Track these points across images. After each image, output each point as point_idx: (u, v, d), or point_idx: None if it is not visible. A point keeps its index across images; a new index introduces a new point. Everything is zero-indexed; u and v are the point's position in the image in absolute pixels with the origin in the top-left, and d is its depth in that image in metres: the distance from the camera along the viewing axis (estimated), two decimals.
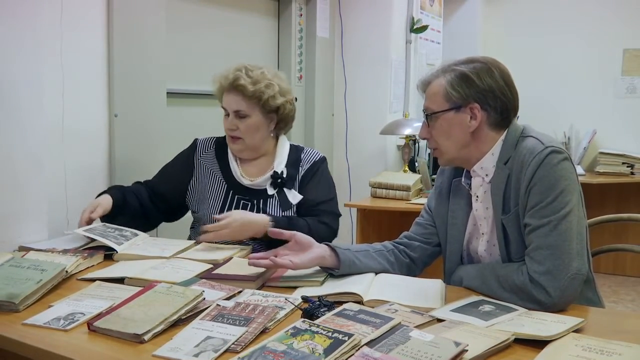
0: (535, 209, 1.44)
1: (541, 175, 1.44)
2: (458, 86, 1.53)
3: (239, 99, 2.03)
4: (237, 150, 2.10)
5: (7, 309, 1.35)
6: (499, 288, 1.45)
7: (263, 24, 3.53)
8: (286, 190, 2.08)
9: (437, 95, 1.57)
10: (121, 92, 2.36)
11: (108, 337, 1.20)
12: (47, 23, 2.05)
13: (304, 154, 2.15)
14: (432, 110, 1.58)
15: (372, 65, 3.88)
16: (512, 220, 1.51)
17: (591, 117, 4.82)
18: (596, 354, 1.10)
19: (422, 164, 3.55)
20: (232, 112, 2.05)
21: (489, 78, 1.53)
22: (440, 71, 1.58)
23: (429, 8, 4.34)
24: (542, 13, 5.06)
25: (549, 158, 1.44)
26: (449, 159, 1.61)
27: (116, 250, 1.80)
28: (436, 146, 1.61)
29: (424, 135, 1.63)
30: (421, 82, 1.64)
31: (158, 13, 2.52)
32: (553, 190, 1.43)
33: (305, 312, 1.29)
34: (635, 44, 4.78)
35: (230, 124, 2.05)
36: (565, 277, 1.37)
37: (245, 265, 1.64)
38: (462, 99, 1.53)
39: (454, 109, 1.54)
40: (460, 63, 1.56)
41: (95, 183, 2.30)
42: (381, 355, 1.06)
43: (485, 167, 1.57)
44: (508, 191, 1.52)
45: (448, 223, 1.69)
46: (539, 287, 1.37)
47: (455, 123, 1.55)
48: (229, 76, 2.04)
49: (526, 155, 1.48)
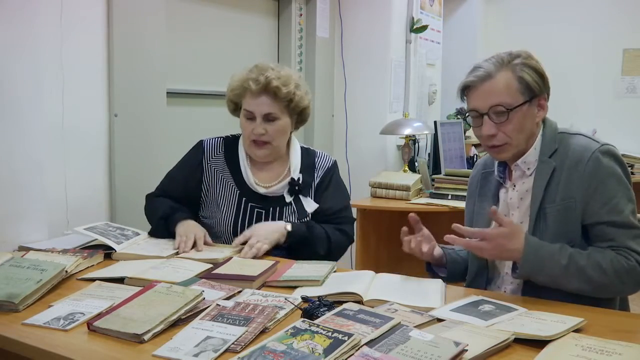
0: (611, 205, 1.50)
1: (606, 172, 1.51)
2: (534, 76, 1.56)
3: (270, 102, 1.93)
4: (263, 155, 1.99)
5: (7, 309, 1.34)
6: (601, 274, 1.46)
7: (263, 24, 3.53)
8: (302, 198, 2.02)
9: (509, 89, 1.55)
10: (121, 92, 2.36)
11: (108, 337, 1.20)
12: (47, 23, 2.05)
13: (318, 159, 2.10)
14: (509, 105, 1.55)
15: (372, 65, 3.87)
16: (560, 212, 1.54)
17: (591, 117, 4.82)
18: (596, 354, 1.10)
19: (422, 164, 3.55)
20: (260, 116, 1.93)
21: (542, 69, 1.60)
22: (500, 65, 1.56)
23: (429, 8, 4.34)
24: (542, 13, 5.06)
25: (609, 154, 1.53)
26: (516, 152, 1.61)
27: (115, 249, 1.80)
28: (507, 141, 1.58)
29: (491, 132, 1.57)
30: (478, 77, 1.56)
31: (158, 13, 2.52)
32: (620, 184, 1.51)
33: (305, 312, 1.29)
34: (635, 44, 4.79)
35: (260, 128, 1.93)
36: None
37: (246, 265, 1.65)
38: (538, 90, 1.57)
39: (528, 101, 1.56)
40: (512, 57, 1.58)
41: (95, 183, 2.30)
42: (381, 355, 1.06)
43: (528, 161, 1.61)
44: (554, 183, 1.56)
45: (474, 214, 1.74)
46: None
47: (529, 115, 1.58)
48: (259, 78, 1.91)
49: (584, 152, 1.53)
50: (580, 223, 1.53)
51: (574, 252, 1.49)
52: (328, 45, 3.82)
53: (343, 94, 3.91)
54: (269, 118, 1.94)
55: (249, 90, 1.94)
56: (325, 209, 2.04)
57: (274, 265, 1.66)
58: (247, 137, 1.98)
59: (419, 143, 4.01)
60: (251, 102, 1.94)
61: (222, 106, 2.13)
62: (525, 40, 4.94)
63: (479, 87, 1.56)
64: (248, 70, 1.98)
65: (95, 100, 2.29)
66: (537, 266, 1.48)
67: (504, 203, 1.67)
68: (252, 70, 1.97)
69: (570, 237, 1.53)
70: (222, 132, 2.15)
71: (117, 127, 2.35)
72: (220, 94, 3.08)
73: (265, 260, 1.76)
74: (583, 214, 1.52)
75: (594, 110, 4.85)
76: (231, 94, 2.02)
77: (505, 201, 1.67)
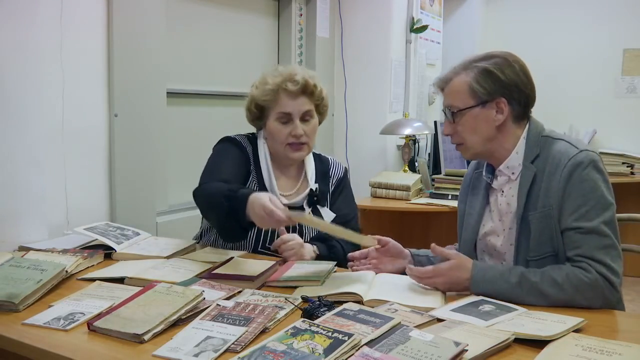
0: (580, 212, 1.47)
1: (579, 179, 1.48)
2: (484, 82, 1.56)
3: (306, 101, 1.94)
4: (301, 157, 1.98)
5: (7, 309, 1.34)
6: (557, 290, 1.42)
7: (263, 23, 3.53)
8: (320, 208, 2.00)
9: (460, 92, 1.59)
10: (121, 92, 2.36)
11: (108, 337, 1.20)
12: (47, 23, 2.05)
13: (331, 168, 2.09)
14: (457, 108, 1.59)
15: (372, 65, 3.87)
16: (540, 219, 1.52)
17: (591, 117, 4.82)
18: (596, 354, 1.10)
19: (422, 164, 3.55)
20: (298, 116, 1.92)
21: (510, 72, 1.57)
22: (460, 68, 1.60)
23: (429, 8, 4.34)
24: (542, 13, 5.06)
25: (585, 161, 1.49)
26: (474, 153, 1.64)
27: (115, 250, 1.80)
28: (462, 141, 1.63)
29: (448, 132, 1.65)
30: (440, 80, 1.65)
31: (158, 13, 2.52)
32: (594, 192, 1.48)
33: (305, 312, 1.29)
34: (635, 44, 4.78)
35: (300, 129, 1.91)
36: (620, 275, 1.47)
37: (246, 265, 1.64)
38: (488, 94, 1.56)
39: (480, 104, 1.57)
40: (480, 59, 1.59)
41: (95, 183, 2.30)
42: (381, 355, 1.06)
43: (511, 166, 1.61)
44: (535, 190, 1.54)
45: (465, 212, 1.75)
46: (608, 284, 1.44)
47: (482, 118, 1.58)
48: (297, 79, 1.90)
49: (561, 158, 1.51)
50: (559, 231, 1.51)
51: (525, 270, 1.47)
52: (328, 45, 3.82)
53: (343, 93, 3.91)
54: (305, 118, 1.95)
55: (286, 92, 1.91)
56: (338, 217, 2.00)
57: (274, 265, 1.66)
58: (283, 141, 1.93)
59: (419, 143, 4.01)
60: (289, 103, 1.91)
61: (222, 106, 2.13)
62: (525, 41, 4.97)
63: (443, 89, 1.65)
64: (275, 75, 1.94)
65: (95, 100, 2.29)
66: (489, 287, 1.46)
67: (496, 208, 1.66)
68: (279, 73, 1.94)
69: (554, 245, 1.51)
70: (222, 132, 2.14)
71: (117, 127, 2.35)
72: (220, 94, 3.11)
73: (265, 260, 1.76)
74: (558, 221, 1.51)
75: (594, 110, 4.85)
76: (261, 100, 1.94)
77: (496, 206, 1.66)
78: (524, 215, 1.56)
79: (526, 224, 1.55)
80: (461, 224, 1.78)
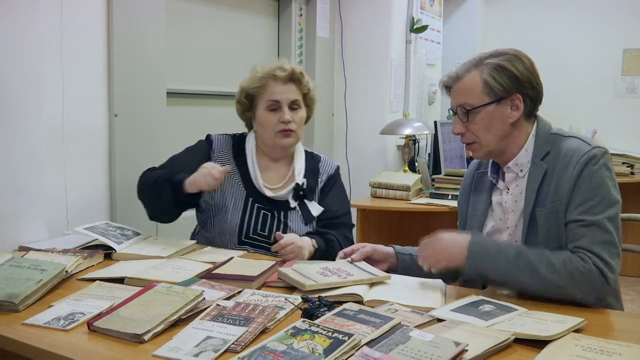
0: (586, 206, 1.47)
1: (589, 174, 1.48)
2: (499, 78, 1.54)
3: (294, 89, 2.00)
4: (290, 144, 2.02)
5: (7, 309, 1.34)
6: (552, 272, 1.42)
7: (263, 23, 3.53)
8: (307, 202, 2.02)
9: (474, 89, 1.56)
10: (121, 92, 2.35)
11: (108, 337, 1.20)
12: (47, 23, 2.05)
13: (322, 165, 2.11)
14: (471, 105, 1.57)
15: (372, 65, 3.87)
16: (548, 215, 1.52)
17: (591, 117, 4.82)
18: (596, 354, 1.10)
19: (422, 164, 3.55)
20: (287, 104, 1.98)
21: (523, 68, 1.56)
22: (471, 65, 1.58)
23: (429, 8, 4.34)
24: (542, 13, 5.06)
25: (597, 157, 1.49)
26: (488, 151, 1.62)
27: (115, 249, 1.80)
28: (474, 140, 1.60)
29: (459, 131, 1.61)
30: (449, 77, 1.62)
31: (158, 13, 2.52)
32: (601, 188, 1.48)
33: (305, 312, 1.29)
34: (635, 44, 4.79)
35: (288, 115, 1.97)
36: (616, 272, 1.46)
37: (246, 265, 1.64)
38: (504, 90, 1.55)
39: (495, 101, 1.55)
40: (490, 56, 1.58)
41: (95, 183, 2.30)
42: (381, 355, 1.06)
43: (520, 164, 1.60)
44: (545, 186, 1.54)
45: (468, 214, 1.73)
46: (602, 278, 1.42)
47: (497, 116, 1.56)
48: (284, 66, 1.98)
49: (574, 154, 1.51)
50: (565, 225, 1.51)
51: (523, 247, 1.49)
52: (328, 45, 3.82)
53: (343, 93, 3.91)
54: (293, 106, 1.99)
55: (274, 78, 1.97)
56: (329, 212, 2.04)
57: (274, 265, 1.66)
58: (273, 128, 1.98)
59: (419, 143, 4.01)
60: (277, 90, 1.98)
61: (222, 106, 2.14)
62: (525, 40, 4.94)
63: (452, 87, 1.62)
64: (264, 65, 2.02)
65: (95, 100, 2.29)
66: (485, 256, 1.46)
67: (498, 206, 1.66)
68: (268, 64, 2.01)
69: (559, 241, 1.51)
70: (222, 132, 2.14)
71: (117, 127, 2.35)
72: (220, 94, 3.11)
73: (265, 260, 1.76)
74: (564, 215, 1.51)
75: (594, 110, 4.85)
76: (251, 89, 2.01)
77: (499, 204, 1.66)
78: (532, 211, 1.55)
79: (533, 221, 1.55)
80: (463, 224, 1.77)
